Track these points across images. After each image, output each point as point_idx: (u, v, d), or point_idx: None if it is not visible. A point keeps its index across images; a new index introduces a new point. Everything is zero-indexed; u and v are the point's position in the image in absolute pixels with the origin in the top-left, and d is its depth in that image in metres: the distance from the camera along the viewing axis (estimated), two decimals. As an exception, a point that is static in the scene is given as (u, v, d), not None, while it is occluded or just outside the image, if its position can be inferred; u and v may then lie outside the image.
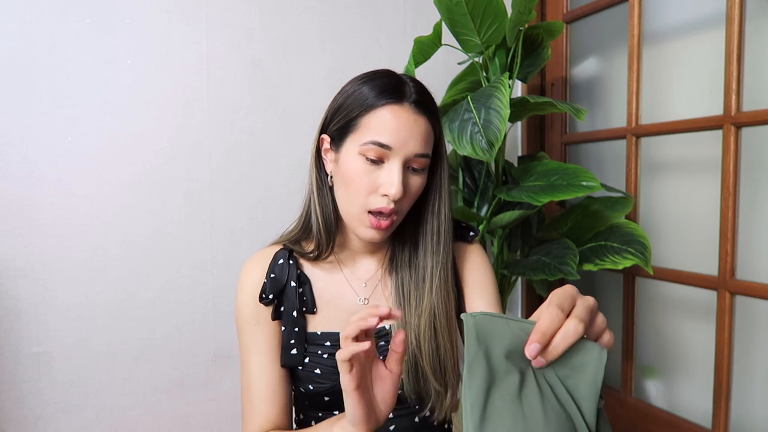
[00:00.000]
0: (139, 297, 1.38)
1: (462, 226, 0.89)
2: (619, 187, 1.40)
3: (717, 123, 1.19)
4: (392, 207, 0.73)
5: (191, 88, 1.41)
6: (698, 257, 1.27)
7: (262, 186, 1.50)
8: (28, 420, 1.29)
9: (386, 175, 0.72)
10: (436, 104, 0.78)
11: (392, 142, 0.72)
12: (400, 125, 0.72)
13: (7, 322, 1.27)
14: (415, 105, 0.74)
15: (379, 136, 0.71)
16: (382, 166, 0.73)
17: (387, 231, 0.76)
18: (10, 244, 1.26)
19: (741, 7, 1.14)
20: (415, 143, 0.73)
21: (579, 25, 1.63)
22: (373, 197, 0.73)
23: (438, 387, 0.78)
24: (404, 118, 0.72)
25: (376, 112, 0.72)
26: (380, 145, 0.71)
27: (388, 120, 0.72)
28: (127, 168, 1.36)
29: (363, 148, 0.72)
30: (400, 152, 0.72)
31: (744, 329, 1.18)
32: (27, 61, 1.26)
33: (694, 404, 1.30)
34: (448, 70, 1.56)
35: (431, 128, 0.76)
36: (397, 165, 0.72)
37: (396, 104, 0.73)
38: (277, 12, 1.49)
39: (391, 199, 0.72)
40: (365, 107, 0.73)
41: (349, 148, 0.74)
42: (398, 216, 0.76)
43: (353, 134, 0.74)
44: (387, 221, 0.74)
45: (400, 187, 0.72)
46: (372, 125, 0.72)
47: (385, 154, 0.72)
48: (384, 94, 0.73)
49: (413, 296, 0.80)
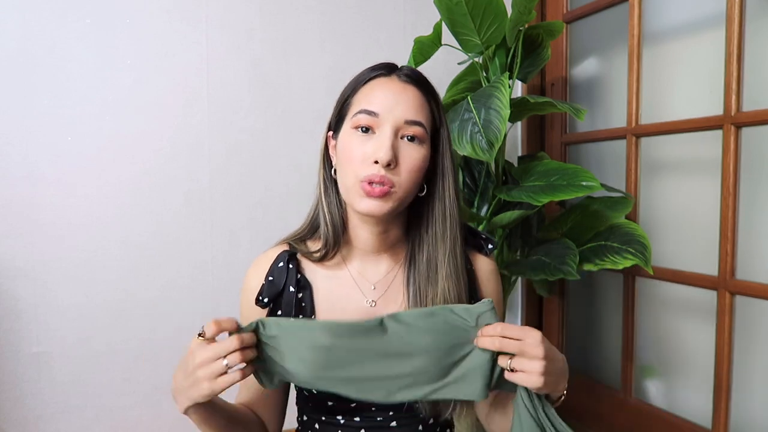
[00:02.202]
0: (139, 297, 1.38)
1: (482, 237, 0.87)
2: (619, 187, 1.40)
3: (717, 123, 1.19)
4: (383, 174, 0.71)
5: (191, 88, 1.41)
6: (698, 257, 1.27)
7: (262, 186, 1.50)
8: (28, 420, 1.29)
9: (376, 141, 0.73)
10: (432, 86, 0.79)
11: (378, 109, 0.73)
12: (386, 92, 0.74)
13: (7, 322, 1.27)
14: (404, 76, 0.76)
15: (367, 104, 0.74)
16: (373, 136, 0.74)
17: (384, 202, 0.73)
18: (10, 244, 1.26)
19: (741, 7, 1.14)
20: (404, 109, 0.73)
21: (579, 25, 1.63)
22: (365, 165, 0.72)
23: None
24: (390, 85, 0.75)
25: (364, 87, 0.76)
26: (367, 113, 0.73)
27: (376, 89, 0.74)
28: (127, 168, 1.36)
29: (353, 120, 0.74)
30: (388, 118, 0.73)
31: (744, 329, 1.18)
32: (27, 61, 1.26)
33: (694, 404, 1.30)
34: (448, 70, 1.56)
35: (424, 99, 0.76)
36: (387, 131, 0.73)
37: (383, 77, 0.76)
38: (277, 12, 1.49)
39: (381, 165, 0.71)
40: (355, 85, 0.77)
41: (345, 128, 0.76)
42: (396, 189, 0.73)
43: (347, 114, 0.76)
44: (380, 189, 0.71)
45: (389, 152, 0.71)
46: (361, 99, 0.75)
47: (374, 122, 0.73)
48: (372, 71, 0.77)
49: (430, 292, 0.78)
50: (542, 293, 1.57)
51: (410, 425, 0.81)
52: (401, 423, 0.80)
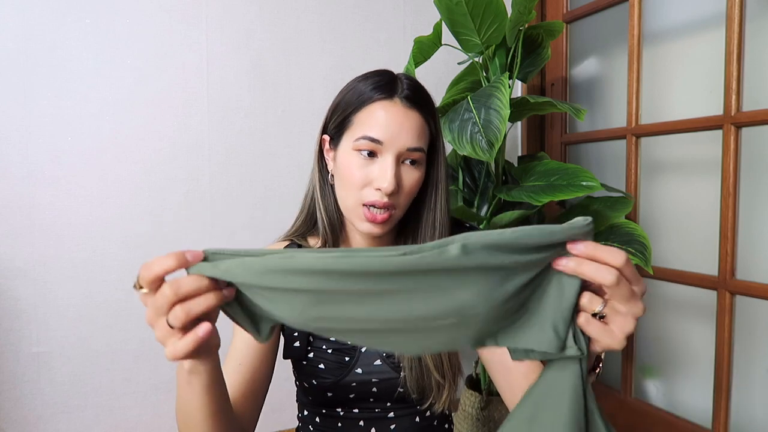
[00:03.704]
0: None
1: (466, 226, 0.90)
2: (619, 187, 1.40)
3: (717, 123, 1.19)
4: (386, 200, 0.74)
5: (191, 88, 1.41)
6: (698, 257, 1.27)
7: (262, 186, 1.50)
8: (28, 420, 1.29)
9: (379, 169, 0.73)
10: (431, 100, 0.79)
11: (382, 137, 0.73)
12: (390, 120, 0.73)
13: (7, 322, 1.27)
14: (406, 100, 0.75)
15: (370, 130, 0.73)
16: (375, 160, 0.74)
17: (385, 225, 0.76)
18: (10, 244, 1.26)
19: (741, 7, 1.14)
20: (407, 137, 0.74)
21: (579, 25, 1.63)
22: (367, 190, 0.74)
23: (439, 379, 0.78)
24: (394, 112, 0.74)
25: (367, 108, 0.74)
26: (371, 140, 0.73)
27: (379, 115, 0.73)
28: (127, 168, 1.36)
29: (356, 143, 0.74)
30: (391, 146, 0.73)
31: (744, 329, 1.18)
32: (27, 61, 1.26)
33: (694, 404, 1.30)
34: (448, 70, 1.56)
35: (424, 122, 0.77)
36: (390, 159, 0.73)
37: (386, 100, 0.74)
38: (277, 12, 1.49)
39: (384, 192, 0.73)
40: (358, 104, 0.75)
41: (345, 145, 0.76)
42: (397, 210, 0.76)
43: (348, 131, 0.76)
44: (383, 215, 0.74)
45: (392, 180, 0.72)
46: (364, 121, 0.74)
47: (377, 149, 0.73)
48: (375, 91, 0.75)
49: None
50: (542, 293, 1.57)
51: (408, 416, 0.82)
52: (399, 414, 0.81)
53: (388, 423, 0.81)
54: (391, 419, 0.81)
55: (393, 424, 0.81)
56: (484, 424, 1.41)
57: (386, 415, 0.81)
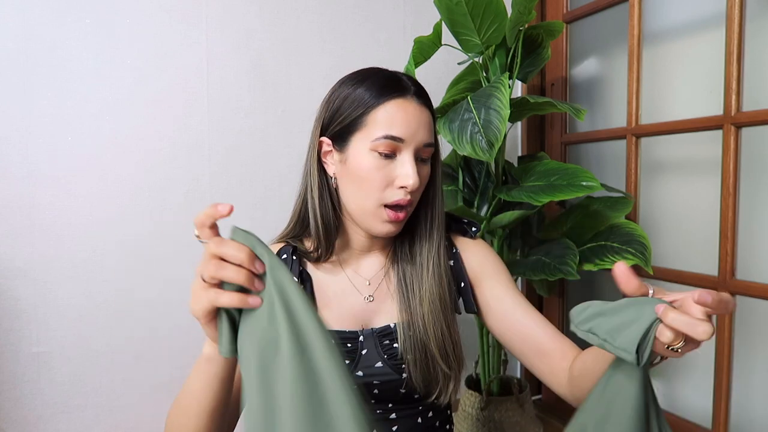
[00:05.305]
0: (139, 297, 1.38)
1: (463, 221, 0.90)
2: (619, 187, 1.40)
3: (717, 123, 1.19)
4: (409, 198, 0.75)
5: (191, 88, 1.41)
6: (698, 257, 1.27)
7: (262, 186, 1.50)
8: (28, 420, 1.29)
9: (401, 167, 0.74)
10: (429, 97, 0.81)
11: (404, 134, 0.73)
12: (409, 117, 0.74)
13: (7, 322, 1.27)
14: (417, 96, 0.76)
15: (391, 129, 0.73)
16: (394, 160, 0.75)
17: (402, 223, 0.78)
18: (10, 244, 1.26)
19: (741, 7, 1.14)
20: (424, 133, 0.76)
21: (579, 25, 1.63)
22: (389, 191, 0.75)
23: (445, 369, 0.79)
24: (411, 109, 0.75)
25: (383, 107, 0.74)
26: (393, 138, 0.73)
27: (397, 113, 0.74)
28: (127, 168, 1.36)
29: (375, 143, 0.73)
30: (411, 143, 0.74)
31: (744, 329, 1.18)
32: (27, 61, 1.26)
33: (694, 404, 1.30)
34: (448, 70, 1.56)
35: (432, 118, 0.79)
36: (410, 156, 0.74)
37: (400, 98, 0.75)
38: (277, 12, 1.49)
39: (408, 190, 0.74)
40: (369, 105, 0.74)
41: (358, 146, 0.75)
42: (411, 207, 0.78)
43: (360, 132, 0.75)
44: (404, 213, 0.77)
45: (416, 177, 0.74)
46: (381, 120, 0.74)
47: (397, 147, 0.74)
48: (386, 89, 0.75)
49: (415, 284, 0.82)
50: (542, 293, 1.57)
51: (410, 417, 0.82)
52: (401, 415, 0.81)
53: (390, 424, 0.81)
54: (392, 420, 0.81)
55: (395, 425, 0.81)
56: (484, 424, 1.41)
57: (388, 416, 0.81)
